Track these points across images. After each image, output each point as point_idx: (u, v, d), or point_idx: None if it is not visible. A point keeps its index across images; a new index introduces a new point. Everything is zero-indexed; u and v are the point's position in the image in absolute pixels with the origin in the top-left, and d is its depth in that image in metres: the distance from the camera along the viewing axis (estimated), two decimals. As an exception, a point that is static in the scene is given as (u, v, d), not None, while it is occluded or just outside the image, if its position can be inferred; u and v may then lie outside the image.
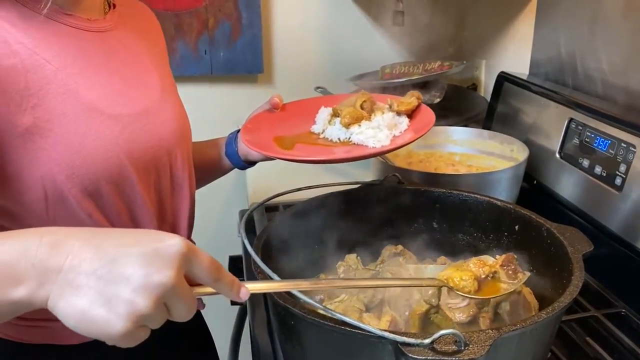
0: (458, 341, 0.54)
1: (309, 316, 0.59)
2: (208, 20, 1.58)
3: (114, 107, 0.74)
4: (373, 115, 0.92)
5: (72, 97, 0.69)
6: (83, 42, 0.74)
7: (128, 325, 0.45)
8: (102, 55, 0.76)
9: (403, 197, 0.93)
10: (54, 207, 0.70)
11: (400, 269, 0.87)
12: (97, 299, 0.45)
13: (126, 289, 0.46)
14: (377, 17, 1.72)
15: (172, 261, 0.47)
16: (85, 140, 0.69)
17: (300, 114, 1.00)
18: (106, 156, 0.72)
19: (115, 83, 0.76)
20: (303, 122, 0.98)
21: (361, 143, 0.88)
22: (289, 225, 0.85)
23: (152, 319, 0.47)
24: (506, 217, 0.86)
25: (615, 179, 0.98)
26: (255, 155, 0.98)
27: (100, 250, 0.47)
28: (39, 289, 0.46)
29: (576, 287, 0.64)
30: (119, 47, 0.80)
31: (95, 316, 0.45)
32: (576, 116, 1.11)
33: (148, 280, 0.46)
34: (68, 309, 0.46)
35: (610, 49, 1.12)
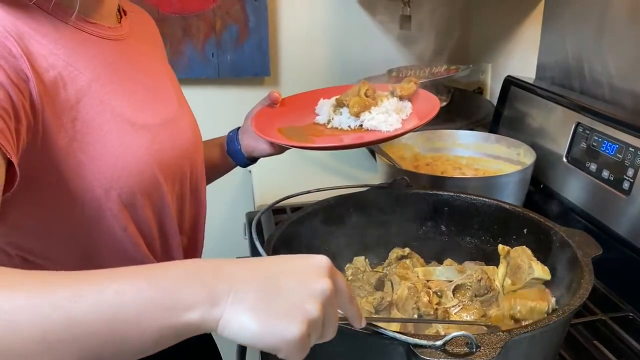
0: (470, 343, 0.54)
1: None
2: (215, 23, 1.59)
3: (143, 118, 0.74)
4: (379, 102, 0.95)
5: (107, 109, 0.69)
6: (108, 51, 0.73)
7: (303, 329, 0.47)
8: (126, 65, 0.75)
9: (411, 200, 0.94)
10: (90, 221, 0.69)
11: (408, 272, 0.87)
12: (270, 311, 0.47)
13: (295, 297, 0.48)
14: (384, 21, 1.73)
15: (326, 272, 0.50)
16: (122, 153, 0.69)
17: (300, 107, 1.03)
18: (141, 168, 0.71)
19: (140, 93, 0.76)
20: (304, 115, 1.01)
21: (374, 128, 0.91)
22: (297, 228, 0.85)
23: (318, 325, 0.49)
24: (514, 220, 0.86)
25: (623, 183, 0.98)
26: (262, 150, 1.00)
27: (260, 271, 0.49)
28: (212, 310, 0.46)
29: (586, 290, 0.64)
30: (137, 55, 0.79)
31: (273, 326, 0.46)
32: (583, 120, 1.12)
33: (313, 288, 0.48)
34: (245, 324, 0.46)
35: (618, 53, 1.12)
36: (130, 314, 0.44)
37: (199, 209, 0.90)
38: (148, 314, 0.44)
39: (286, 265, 0.50)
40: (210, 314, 0.46)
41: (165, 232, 0.80)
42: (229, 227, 1.83)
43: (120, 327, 0.43)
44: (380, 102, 0.94)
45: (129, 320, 0.44)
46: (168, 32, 1.57)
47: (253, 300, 0.47)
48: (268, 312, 0.47)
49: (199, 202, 0.89)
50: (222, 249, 1.82)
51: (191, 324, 0.46)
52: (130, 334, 0.44)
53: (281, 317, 0.47)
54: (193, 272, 0.47)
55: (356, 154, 1.74)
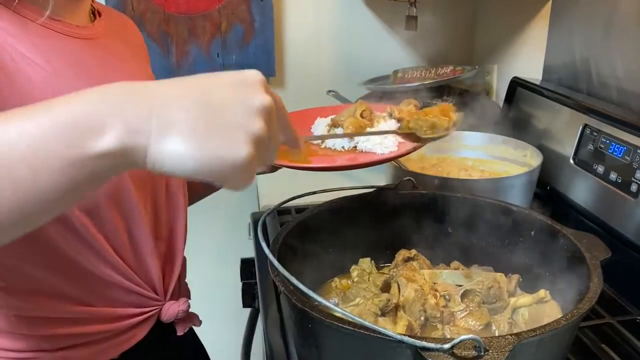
0: (478, 346, 0.54)
1: (328, 320, 0.59)
2: (221, 23, 1.59)
3: None
4: (376, 123, 0.91)
5: None
6: (76, 49, 0.69)
7: (251, 150, 0.41)
8: (96, 64, 0.71)
9: (417, 202, 0.93)
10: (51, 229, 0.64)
11: (415, 274, 0.87)
12: (209, 131, 0.40)
13: (236, 114, 0.41)
14: (390, 22, 1.72)
15: (261, 86, 0.44)
16: None
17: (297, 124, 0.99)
18: None
19: None
20: (302, 131, 0.96)
21: (368, 150, 0.88)
22: (303, 229, 0.85)
23: (265, 145, 0.43)
24: (522, 222, 0.86)
25: (631, 186, 0.98)
26: None
27: (189, 86, 0.42)
28: (132, 137, 0.39)
29: (595, 294, 0.64)
30: (108, 55, 0.75)
31: (215, 149, 0.40)
32: (591, 122, 1.11)
33: (252, 102, 0.42)
34: (180, 152, 0.39)
35: (626, 55, 1.11)
36: (31, 153, 0.38)
37: (176, 213, 0.85)
38: (49, 148, 0.38)
39: (218, 80, 0.43)
40: (130, 141, 0.39)
41: (135, 237, 0.76)
42: (233, 227, 1.83)
43: (27, 169, 0.38)
44: (377, 124, 0.91)
45: (35, 159, 0.38)
46: (174, 32, 1.57)
47: (185, 122, 0.40)
48: (207, 135, 0.40)
49: (177, 207, 0.85)
50: (226, 249, 1.82)
51: (104, 154, 0.39)
52: (40, 177, 0.38)
53: (223, 138, 0.40)
54: (102, 95, 0.40)
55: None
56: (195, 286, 1.36)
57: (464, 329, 0.77)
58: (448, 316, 0.78)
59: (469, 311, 0.79)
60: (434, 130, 0.80)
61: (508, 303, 0.80)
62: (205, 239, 1.84)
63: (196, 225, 1.80)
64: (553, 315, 0.75)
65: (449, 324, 0.78)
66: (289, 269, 0.67)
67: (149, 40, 1.56)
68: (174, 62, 1.57)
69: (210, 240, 1.86)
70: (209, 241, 1.85)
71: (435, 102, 1.35)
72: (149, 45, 1.55)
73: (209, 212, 1.82)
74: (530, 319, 0.78)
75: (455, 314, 0.79)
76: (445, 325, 0.78)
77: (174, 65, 1.57)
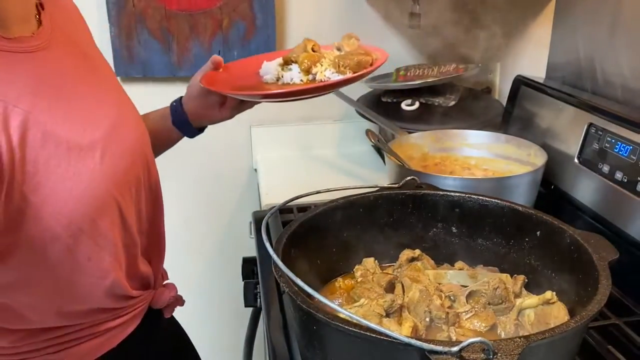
0: (486, 349, 0.53)
1: (334, 322, 0.58)
2: (222, 20, 1.58)
3: (88, 136, 0.67)
4: (327, 57, 0.98)
5: (49, 140, 0.62)
6: (36, 68, 0.64)
7: None
8: (56, 77, 0.67)
9: (421, 201, 0.92)
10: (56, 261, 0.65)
11: (419, 274, 0.86)
12: None
13: None
14: (392, 19, 1.71)
15: None
16: (75, 183, 0.64)
17: (243, 71, 1.03)
18: (97, 193, 0.66)
19: (76, 107, 0.68)
20: (250, 76, 1.02)
21: (326, 79, 0.95)
22: (307, 229, 0.84)
23: None
24: (527, 222, 0.85)
25: (637, 185, 0.97)
26: (212, 116, 0.99)
27: None
28: None
29: (604, 295, 0.63)
30: (64, 60, 0.71)
31: None
32: (596, 121, 1.10)
33: None
34: None
35: (632, 53, 1.10)
36: None
37: (156, 203, 0.86)
38: None
39: None
40: None
41: (128, 242, 0.76)
42: (234, 226, 1.82)
43: None
44: (326, 58, 0.98)
45: None
46: (175, 29, 1.55)
47: None
48: None
49: (156, 196, 0.86)
50: (228, 248, 1.81)
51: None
52: None
53: None
54: None
55: (363, 154, 1.73)
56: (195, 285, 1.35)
57: (469, 331, 0.76)
58: (453, 317, 0.77)
59: (474, 312, 0.78)
60: (360, 67, 0.95)
61: (514, 304, 0.79)
62: (206, 238, 1.84)
63: (197, 224, 1.80)
64: (560, 317, 0.74)
65: (454, 325, 0.77)
66: (292, 268, 0.66)
67: (150, 37, 1.55)
68: (175, 59, 1.56)
69: (212, 240, 1.85)
70: (210, 241, 1.84)
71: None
72: (150, 43, 1.54)
73: (209, 211, 1.81)
74: (536, 320, 0.77)
75: (461, 315, 0.78)
76: (450, 327, 0.77)
77: (175, 63, 1.56)
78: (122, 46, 1.55)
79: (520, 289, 0.83)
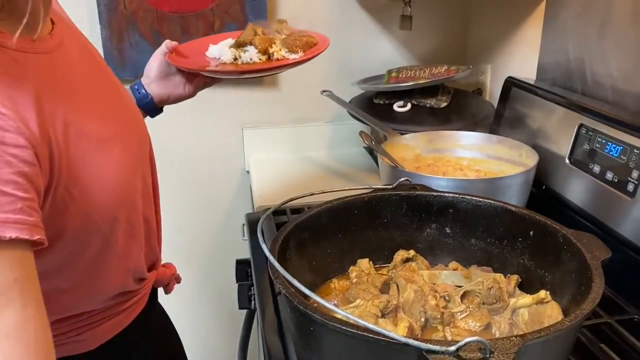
0: (483, 348, 0.53)
1: (332, 323, 0.58)
2: (214, 22, 1.58)
3: (109, 128, 0.71)
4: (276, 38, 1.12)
5: (82, 134, 0.65)
6: (59, 68, 0.67)
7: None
8: (75, 76, 0.70)
9: (415, 202, 0.93)
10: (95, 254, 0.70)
11: (414, 275, 0.86)
12: None
13: None
14: (383, 21, 1.72)
15: None
16: (107, 173, 0.68)
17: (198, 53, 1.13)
18: (123, 182, 0.71)
19: (95, 103, 0.72)
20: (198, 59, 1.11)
21: (284, 57, 1.08)
22: (302, 230, 0.84)
23: None
24: (521, 223, 0.85)
25: (628, 185, 0.98)
26: (177, 94, 1.05)
27: None
28: None
29: (597, 294, 0.64)
30: (77, 61, 0.73)
31: None
32: (586, 122, 1.11)
33: None
34: None
35: (621, 55, 1.12)
36: None
37: (155, 187, 0.91)
38: None
39: None
40: None
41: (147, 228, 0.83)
42: (226, 228, 1.82)
43: None
44: (277, 39, 1.11)
45: None
46: (166, 31, 1.55)
47: None
48: None
49: (154, 180, 0.91)
50: (221, 250, 1.81)
51: None
52: None
53: None
54: None
55: (355, 155, 1.74)
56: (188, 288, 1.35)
57: (464, 330, 0.77)
58: (448, 317, 0.78)
59: (469, 312, 0.79)
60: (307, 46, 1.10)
61: (508, 304, 0.80)
62: (198, 240, 1.83)
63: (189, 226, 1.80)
64: (554, 315, 0.75)
65: (449, 325, 0.78)
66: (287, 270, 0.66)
67: (141, 39, 1.54)
68: (166, 61, 1.56)
69: (204, 242, 1.85)
70: (203, 243, 1.84)
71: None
72: (142, 45, 1.54)
73: (201, 213, 1.81)
74: (530, 319, 0.78)
75: (455, 315, 0.79)
76: (445, 327, 0.77)
77: (167, 65, 1.55)
78: (113, 48, 1.54)
79: (514, 288, 0.83)
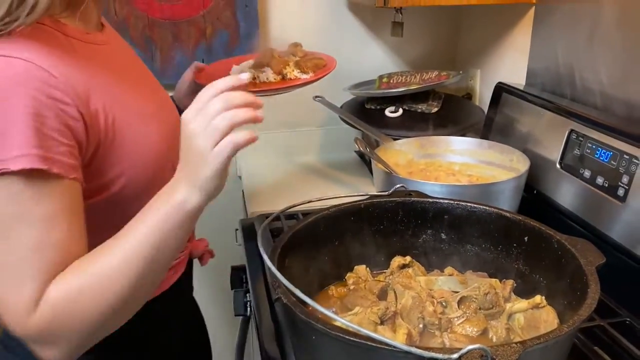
0: (485, 355, 0.54)
1: (334, 332, 0.59)
2: (206, 29, 1.58)
3: (149, 107, 0.84)
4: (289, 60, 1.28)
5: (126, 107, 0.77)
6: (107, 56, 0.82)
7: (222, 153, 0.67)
8: (120, 66, 0.84)
9: (411, 208, 0.94)
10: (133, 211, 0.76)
11: (411, 281, 0.87)
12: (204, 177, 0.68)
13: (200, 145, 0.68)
14: (374, 27, 1.73)
15: None
16: (147, 143, 0.79)
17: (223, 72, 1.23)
18: (161, 152, 0.81)
19: (138, 85, 0.86)
20: None
21: (296, 77, 1.25)
22: (299, 238, 0.85)
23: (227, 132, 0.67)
24: (515, 228, 0.87)
25: (618, 190, 1.00)
26: None
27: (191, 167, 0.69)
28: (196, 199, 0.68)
29: (593, 300, 0.65)
30: (122, 53, 0.89)
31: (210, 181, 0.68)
32: (577, 127, 1.13)
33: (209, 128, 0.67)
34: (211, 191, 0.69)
35: (609, 60, 1.13)
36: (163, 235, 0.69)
37: None
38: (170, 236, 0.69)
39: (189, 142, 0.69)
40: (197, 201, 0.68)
41: None
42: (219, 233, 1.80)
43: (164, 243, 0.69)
44: (291, 62, 1.27)
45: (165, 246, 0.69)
46: (158, 37, 1.55)
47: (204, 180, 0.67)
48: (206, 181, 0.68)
49: None
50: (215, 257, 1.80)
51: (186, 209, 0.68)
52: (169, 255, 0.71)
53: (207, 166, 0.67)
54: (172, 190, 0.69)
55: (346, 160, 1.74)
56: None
57: (462, 336, 0.78)
58: (446, 323, 0.79)
59: (466, 317, 0.80)
60: (317, 68, 1.27)
61: (504, 309, 0.81)
62: (191, 246, 1.82)
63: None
64: (549, 320, 0.76)
65: (447, 331, 0.79)
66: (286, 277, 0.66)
67: (133, 45, 1.54)
68: (158, 67, 1.56)
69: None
70: (195, 248, 1.83)
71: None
72: (134, 51, 1.54)
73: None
74: (526, 324, 0.79)
75: (453, 321, 0.80)
76: (443, 332, 0.78)
77: (159, 71, 1.55)
78: (104, 55, 1.54)
79: (509, 293, 0.85)
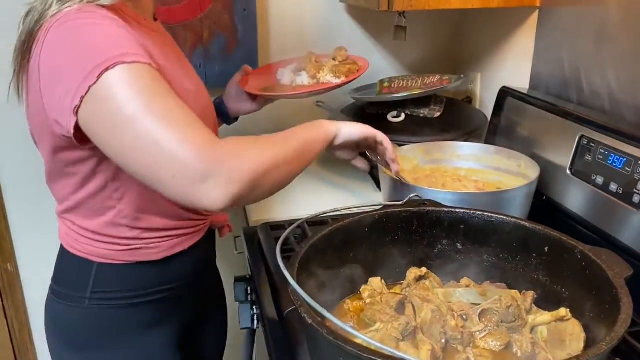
0: (527, 378, 0.52)
1: (366, 354, 0.57)
2: (203, 33, 1.55)
3: (190, 84, 0.98)
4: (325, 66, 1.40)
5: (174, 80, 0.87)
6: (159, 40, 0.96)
7: None
8: (169, 48, 1.00)
9: (426, 218, 0.92)
10: None
11: (429, 293, 0.85)
12: None
13: None
14: (374, 31, 1.71)
15: None
16: None
17: (264, 76, 1.42)
18: None
19: (182, 67, 1.01)
20: (268, 80, 1.41)
21: (328, 81, 1.36)
22: (315, 251, 0.82)
23: None
24: (534, 238, 0.85)
25: (633, 197, 0.98)
26: (248, 108, 1.34)
27: None
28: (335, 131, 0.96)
29: (627, 315, 0.63)
30: (170, 41, 1.05)
31: None
32: (587, 133, 1.11)
33: None
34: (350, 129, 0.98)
35: (618, 64, 1.12)
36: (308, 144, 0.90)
37: None
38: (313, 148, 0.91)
39: None
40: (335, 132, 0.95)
41: None
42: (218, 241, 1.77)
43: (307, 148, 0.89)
44: (326, 66, 1.39)
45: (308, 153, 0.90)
46: (154, 42, 1.51)
47: None
48: None
49: None
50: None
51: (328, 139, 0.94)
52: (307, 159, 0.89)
53: None
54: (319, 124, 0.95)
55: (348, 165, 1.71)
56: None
57: (485, 350, 0.76)
58: (468, 337, 0.77)
59: (488, 331, 0.78)
60: (350, 73, 1.37)
61: (526, 322, 0.79)
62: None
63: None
64: (576, 333, 0.74)
65: (470, 346, 0.76)
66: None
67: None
68: (155, 73, 1.52)
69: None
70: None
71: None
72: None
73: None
74: (550, 337, 0.77)
75: (475, 335, 0.78)
76: (466, 347, 0.76)
77: (155, 77, 1.52)
78: (99, 60, 1.49)
79: (530, 305, 0.83)
